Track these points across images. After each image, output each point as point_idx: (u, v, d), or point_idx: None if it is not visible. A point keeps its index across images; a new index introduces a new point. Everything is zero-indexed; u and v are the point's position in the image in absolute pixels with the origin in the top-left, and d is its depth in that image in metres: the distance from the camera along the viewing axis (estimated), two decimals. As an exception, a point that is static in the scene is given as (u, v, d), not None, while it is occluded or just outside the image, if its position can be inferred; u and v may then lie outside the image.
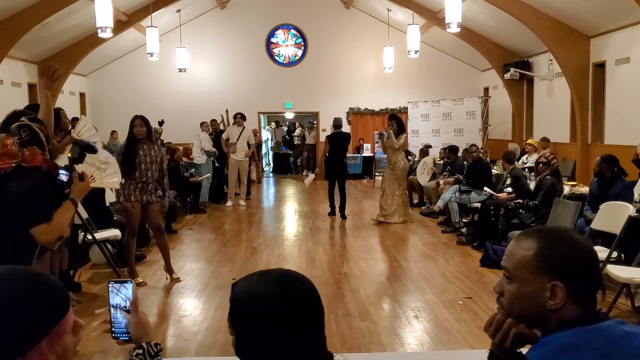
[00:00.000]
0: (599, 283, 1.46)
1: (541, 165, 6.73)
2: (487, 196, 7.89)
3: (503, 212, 6.77)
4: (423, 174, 10.57)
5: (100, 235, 6.00)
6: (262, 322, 1.21)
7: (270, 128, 20.76)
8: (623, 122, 9.63)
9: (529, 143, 11.09)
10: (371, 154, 15.80)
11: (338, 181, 9.69)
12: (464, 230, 7.97)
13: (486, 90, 15.86)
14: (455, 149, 10.03)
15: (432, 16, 13.37)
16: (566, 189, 7.07)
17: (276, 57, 16.63)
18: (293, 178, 17.19)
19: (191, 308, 5.07)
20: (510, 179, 7.68)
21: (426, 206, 10.37)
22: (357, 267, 6.43)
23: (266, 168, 19.02)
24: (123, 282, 1.49)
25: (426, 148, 12.10)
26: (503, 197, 7.50)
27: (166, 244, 5.87)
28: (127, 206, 5.56)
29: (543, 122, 12.75)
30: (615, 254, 4.90)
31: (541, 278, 1.25)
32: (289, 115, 20.93)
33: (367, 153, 16.30)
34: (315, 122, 17.46)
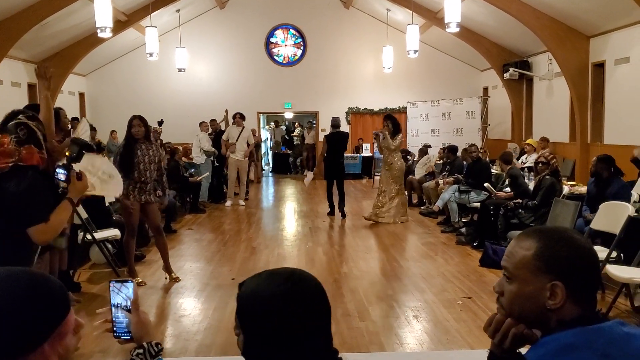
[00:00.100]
0: (599, 283, 1.45)
1: (540, 165, 6.72)
2: (487, 196, 7.89)
3: (502, 212, 6.77)
4: (422, 169, 10.57)
5: (99, 235, 6.00)
6: (270, 321, 1.21)
7: (269, 128, 20.76)
8: (622, 122, 9.64)
9: (528, 143, 11.11)
10: (370, 154, 15.80)
11: (336, 181, 9.69)
12: (464, 230, 7.97)
13: (485, 90, 15.86)
14: (454, 149, 10.02)
15: (432, 16, 13.37)
16: (565, 189, 7.07)
17: (275, 57, 16.62)
18: (292, 178, 17.20)
19: (190, 308, 5.07)
20: (508, 179, 7.69)
21: (425, 206, 10.37)
22: (357, 267, 6.43)
23: (265, 168, 19.02)
24: (124, 282, 1.49)
25: (425, 148, 12.11)
26: (501, 196, 7.51)
27: (165, 244, 5.88)
28: (127, 203, 5.56)
29: (542, 122, 12.75)
30: (614, 254, 4.91)
31: (541, 278, 1.25)
32: (289, 115, 20.94)
33: (367, 153, 16.30)
34: (314, 122, 17.45)
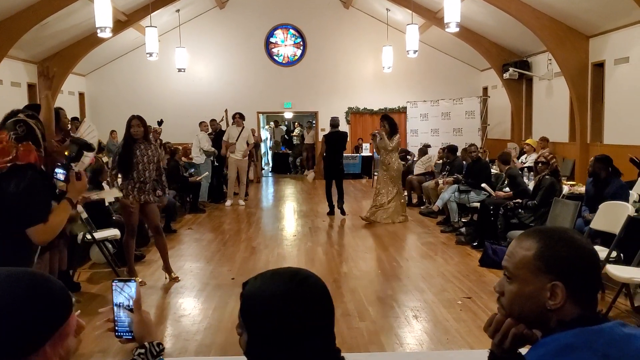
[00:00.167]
0: (600, 283, 1.45)
1: (540, 165, 6.72)
2: (487, 195, 7.89)
3: (502, 212, 6.76)
4: (421, 166, 10.57)
5: (99, 234, 6.00)
6: (274, 321, 1.21)
7: (269, 128, 20.76)
8: (622, 122, 9.64)
9: (528, 143, 11.11)
10: (370, 154, 15.79)
11: (335, 180, 9.69)
12: (463, 230, 7.97)
13: (485, 90, 15.86)
14: (454, 149, 10.02)
15: (431, 16, 13.38)
16: (565, 189, 7.08)
17: (275, 57, 16.62)
18: (292, 178, 17.19)
19: (190, 308, 5.06)
20: (507, 179, 7.70)
21: (425, 206, 10.37)
22: (356, 267, 6.43)
23: (265, 167, 19.02)
24: (126, 281, 1.49)
25: (425, 148, 12.12)
26: (500, 195, 7.51)
27: (164, 244, 5.88)
28: (127, 202, 5.56)
29: (542, 122, 12.75)
30: (614, 254, 4.91)
31: (541, 278, 1.25)
32: (288, 115, 20.94)
33: (366, 152, 16.31)
34: (314, 122, 17.46)
